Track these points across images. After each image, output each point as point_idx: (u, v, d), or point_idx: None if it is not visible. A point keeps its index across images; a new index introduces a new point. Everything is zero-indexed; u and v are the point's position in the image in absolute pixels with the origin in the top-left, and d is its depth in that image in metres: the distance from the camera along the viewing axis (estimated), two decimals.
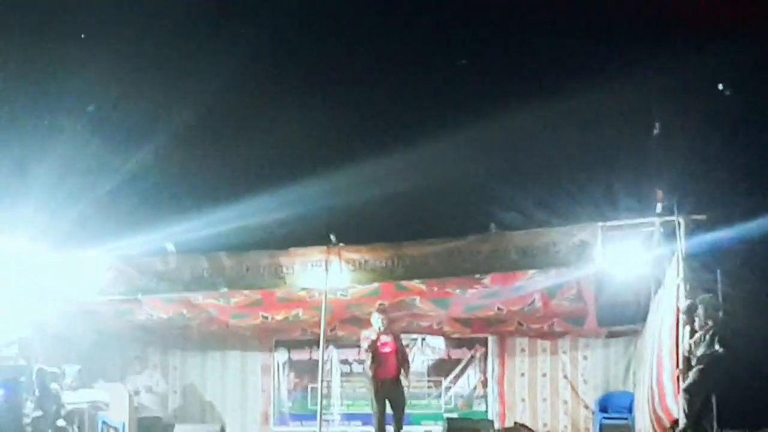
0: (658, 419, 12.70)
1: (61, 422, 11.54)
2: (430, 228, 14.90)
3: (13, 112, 17.27)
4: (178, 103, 18.01)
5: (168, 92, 18.18)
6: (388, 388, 13.99)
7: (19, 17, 17.48)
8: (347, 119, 18.60)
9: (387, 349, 14.06)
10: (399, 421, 13.98)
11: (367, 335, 14.12)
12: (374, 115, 18.95)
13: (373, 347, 14.00)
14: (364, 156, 17.14)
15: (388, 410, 14.01)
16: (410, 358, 15.31)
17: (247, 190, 15.82)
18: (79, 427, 12.97)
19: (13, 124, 17.13)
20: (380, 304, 14.25)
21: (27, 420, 10.01)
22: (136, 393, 15.79)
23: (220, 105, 18.70)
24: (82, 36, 18.16)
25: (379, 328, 14.04)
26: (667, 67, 15.95)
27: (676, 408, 11.82)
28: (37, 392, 11.45)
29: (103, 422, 14.48)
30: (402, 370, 14.16)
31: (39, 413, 10.20)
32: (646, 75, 16.10)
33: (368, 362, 14.14)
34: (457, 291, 14.54)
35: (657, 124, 13.89)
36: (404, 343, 15.02)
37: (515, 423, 12.68)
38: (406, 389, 14.41)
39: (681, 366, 11.69)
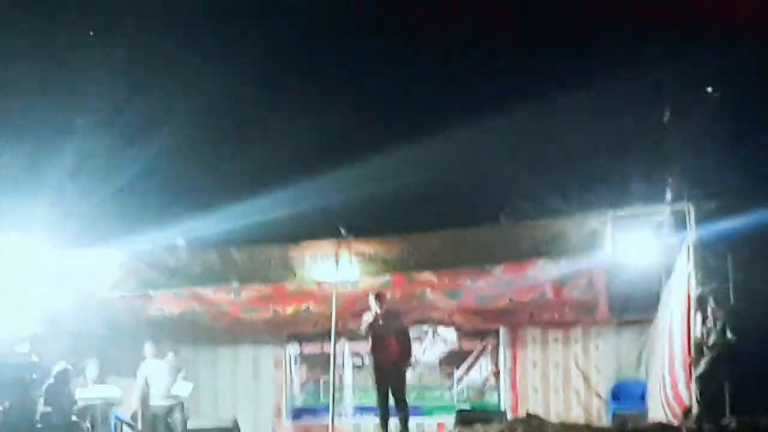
0: (671, 408, 12.69)
1: (73, 418, 11.57)
2: (440, 219, 14.88)
3: (24, 110, 17.34)
4: (188, 100, 18.05)
5: (178, 88, 18.21)
6: (389, 375, 13.63)
7: (30, 15, 17.60)
8: (356, 112, 18.55)
9: (384, 332, 13.66)
10: (403, 412, 13.59)
11: (366, 318, 13.79)
12: (383, 107, 18.93)
13: (370, 329, 13.67)
14: (373, 148, 17.10)
15: (392, 402, 13.66)
16: (422, 348, 15.24)
17: (257, 185, 15.76)
18: (91, 423, 13.03)
19: (25, 123, 17.20)
20: (377, 293, 13.93)
21: (38, 417, 10.03)
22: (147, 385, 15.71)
23: (230, 101, 18.75)
24: (91, 33, 18.28)
25: (376, 312, 13.68)
26: (678, 53, 15.90)
27: (689, 396, 11.83)
28: (50, 389, 11.45)
29: (116, 417, 14.55)
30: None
31: (49, 409, 10.21)
32: (658, 61, 16.04)
33: (368, 346, 13.91)
34: (468, 282, 14.58)
35: (667, 112, 13.82)
36: (414, 334, 14.86)
37: (528, 413, 12.61)
38: (414, 378, 14.16)
39: (693, 354, 11.69)
